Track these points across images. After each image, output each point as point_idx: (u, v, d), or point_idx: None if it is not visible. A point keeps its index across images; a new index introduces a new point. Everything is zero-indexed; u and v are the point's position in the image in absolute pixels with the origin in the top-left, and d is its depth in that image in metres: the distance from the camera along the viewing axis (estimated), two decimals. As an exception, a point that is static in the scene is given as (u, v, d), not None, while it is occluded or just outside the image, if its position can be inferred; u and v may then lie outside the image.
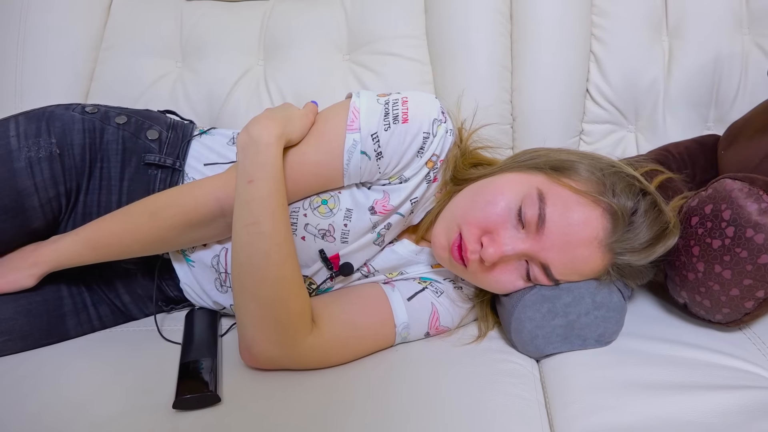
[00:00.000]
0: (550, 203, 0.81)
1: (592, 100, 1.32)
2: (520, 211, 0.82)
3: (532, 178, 0.85)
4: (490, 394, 0.80)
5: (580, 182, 0.83)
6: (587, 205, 0.81)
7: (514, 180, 0.86)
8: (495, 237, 0.83)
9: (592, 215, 0.81)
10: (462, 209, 0.86)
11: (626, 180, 0.84)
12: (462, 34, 1.28)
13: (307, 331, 0.82)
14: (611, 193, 0.82)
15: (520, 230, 0.82)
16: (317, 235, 0.88)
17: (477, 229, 0.83)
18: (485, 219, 0.83)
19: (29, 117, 0.94)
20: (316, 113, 0.91)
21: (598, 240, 0.81)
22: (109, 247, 0.89)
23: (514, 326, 0.87)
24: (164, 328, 0.96)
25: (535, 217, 0.81)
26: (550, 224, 0.81)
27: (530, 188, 0.83)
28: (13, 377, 0.84)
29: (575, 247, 0.81)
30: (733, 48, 1.26)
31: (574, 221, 0.81)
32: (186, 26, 1.36)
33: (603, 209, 0.81)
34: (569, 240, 0.81)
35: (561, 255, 0.82)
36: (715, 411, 0.74)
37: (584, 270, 0.84)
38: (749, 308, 0.85)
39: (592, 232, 0.81)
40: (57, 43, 1.31)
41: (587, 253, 0.82)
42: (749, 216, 0.81)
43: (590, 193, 0.82)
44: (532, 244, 0.82)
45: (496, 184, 0.86)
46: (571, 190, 0.82)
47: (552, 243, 0.81)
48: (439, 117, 0.87)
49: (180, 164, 0.97)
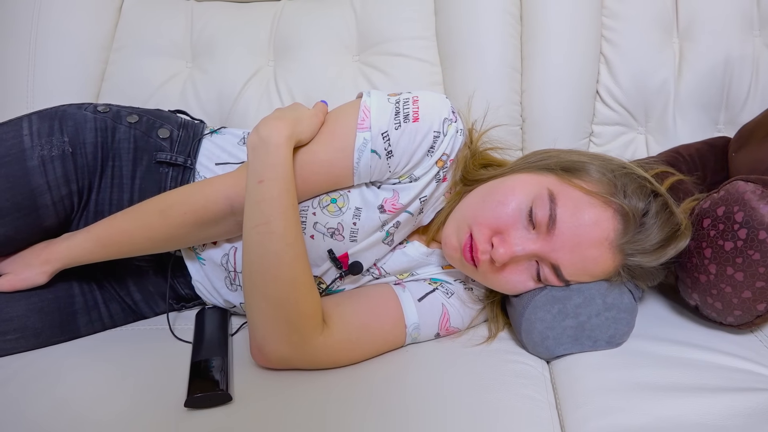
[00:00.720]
0: (560, 204, 0.81)
1: (602, 102, 1.31)
2: (531, 212, 0.82)
3: (543, 178, 0.85)
4: (501, 395, 0.80)
5: (591, 183, 0.83)
6: (598, 206, 0.81)
7: (524, 181, 0.86)
8: (505, 237, 0.83)
9: (603, 216, 0.81)
10: (472, 210, 0.86)
11: (638, 181, 0.84)
12: (472, 36, 1.28)
13: (318, 332, 0.82)
14: (622, 194, 0.82)
15: (531, 231, 0.82)
16: (326, 233, 0.89)
17: (488, 230, 0.83)
18: (496, 219, 0.83)
19: (42, 116, 0.94)
20: (326, 113, 0.91)
21: (608, 241, 0.81)
22: (119, 245, 0.89)
23: (524, 327, 0.87)
24: (175, 327, 0.96)
25: (545, 218, 0.81)
26: (561, 225, 0.81)
27: (541, 189, 0.83)
28: (24, 375, 0.84)
29: (586, 248, 0.81)
30: (744, 50, 1.26)
31: (585, 222, 0.81)
32: (196, 27, 1.36)
33: (614, 210, 0.81)
34: (580, 241, 0.81)
35: (571, 256, 0.82)
36: (726, 413, 0.74)
37: (595, 271, 0.84)
38: (761, 311, 0.85)
39: (603, 233, 0.81)
40: (68, 44, 1.32)
41: (598, 253, 0.82)
42: (762, 218, 0.81)
43: (601, 194, 0.82)
44: (543, 245, 0.82)
45: (506, 184, 0.87)
46: (582, 190, 0.82)
47: (562, 243, 0.81)
48: (450, 116, 0.87)
49: (191, 162, 0.97)
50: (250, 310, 0.82)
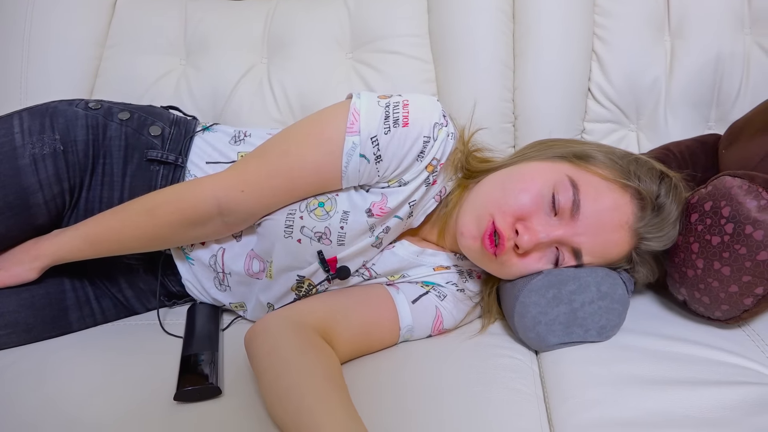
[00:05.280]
0: (583, 190, 0.83)
1: (593, 99, 1.32)
2: (554, 198, 0.83)
3: (560, 166, 0.86)
4: (490, 388, 0.80)
5: (605, 169, 0.85)
6: (617, 191, 0.84)
7: (542, 168, 0.87)
8: (529, 224, 0.83)
9: (622, 200, 0.83)
10: (492, 198, 0.86)
11: (646, 165, 0.87)
12: (465, 33, 1.29)
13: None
14: (637, 178, 0.84)
15: (553, 217, 0.84)
16: (313, 237, 0.88)
17: (511, 217, 0.84)
18: (519, 207, 0.83)
19: (33, 113, 0.94)
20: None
21: (629, 224, 0.83)
22: (107, 243, 0.89)
23: (518, 310, 0.88)
24: (166, 322, 0.96)
25: (569, 203, 0.82)
26: (585, 210, 0.82)
27: (561, 175, 0.84)
28: (16, 370, 0.84)
29: (608, 233, 0.83)
30: (735, 48, 1.26)
31: (607, 207, 0.83)
32: (190, 24, 1.36)
33: (631, 195, 0.84)
34: (603, 225, 0.83)
35: (594, 239, 0.84)
36: (713, 406, 0.75)
37: (612, 253, 0.86)
38: (748, 305, 0.85)
39: (623, 216, 0.83)
40: (62, 41, 1.32)
41: (618, 237, 0.84)
42: (748, 213, 0.82)
43: (617, 179, 0.84)
44: (566, 230, 0.83)
45: (525, 171, 0.87)
46: (599, 176, 0.84)
47: (586, 228, 0.83)
48: (440, 121, 0.86)
49: (182, 161, 0.97)
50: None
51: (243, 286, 0.96)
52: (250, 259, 0.94)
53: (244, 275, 0.94)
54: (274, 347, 0.77)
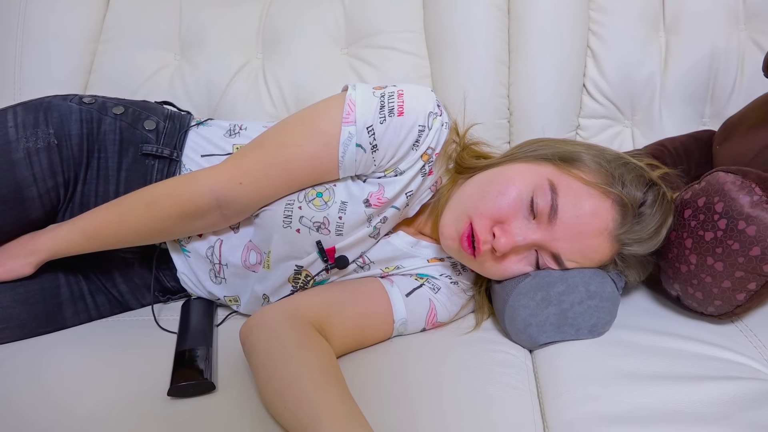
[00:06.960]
0: (561, 194, 0.82)
1: (588, 95, 1.32)
2: (532, 202, 0.83)
3: (542, 168, 0.86)
4: (483, 384, 0.80)
5: (589, 173, 0.84)
6: (597, 197, 0.83)
7: (523, 170, 0.86)
8: (506, 227, 0.83)
9: (602, 206, 0.82)
10: (472, 200, 0.86)
11: (635, 171, 0.86)
12: (460, 29, 1.29)
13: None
14: (621, 184, 0.83)
15: (531, 221, 0.83)
16: (312, 227, 0.89)
17: (488, 220, 0.84)
18: (497, 209, 0.84)
19: (27, 107, 0.94)
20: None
21: (608, 231, 0.83)
22: (105, 237, 0.89)
23: (507, 314, 0.88)
24: (160, 318, 0.96)
25: (547, 208, 0.82)
26: (563, 215, 0.82)
27: (541, 179, 0.84)
28: (9, 365, 0.84)
29: (586, 238, 0.83)
30: (730, 44, 1.27)
31: (586, 212, 0.82)
32: (185, 19, 1.36)
33: (612, 201, 0.83)
34: (581, 231, 0.82)
35: (572, 245, 0.83)
36: (705, 401, 0.75)
37: (594, 258, 0.86)
38: (741, 300, 0.85)
39: (603, 223, 0.82)
40: (56, 35, 1.32)
41: (597, 243, 0.83)
42: (741, 208, 0.82)
43: (600, 185, 0.83)
44: (544, 234, 0.83)
45: (506, 174, 0.87)
46: (581, 181, 0.83)
47: (563, 233, 0.82)
48: (435, 110, 0.87)
49: (177, 155, 0.97)
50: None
51: (239, 278, 0.96)
52: (248, 251, 0.94)
53: (240, 267, 0.95)
54: (271, 340, 0.78)
